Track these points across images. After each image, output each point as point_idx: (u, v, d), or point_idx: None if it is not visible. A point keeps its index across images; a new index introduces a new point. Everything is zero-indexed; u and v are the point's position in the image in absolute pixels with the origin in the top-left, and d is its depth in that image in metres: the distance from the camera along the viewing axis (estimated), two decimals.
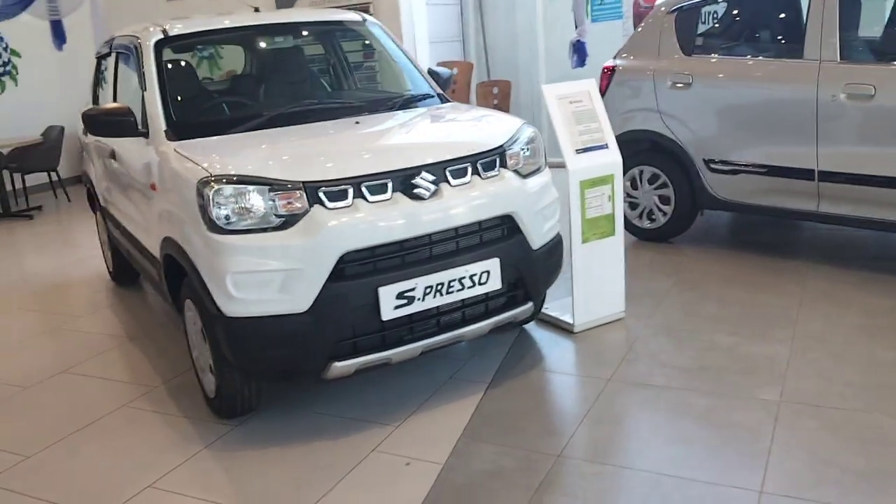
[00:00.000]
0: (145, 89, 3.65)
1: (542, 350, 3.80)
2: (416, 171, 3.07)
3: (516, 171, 3.38)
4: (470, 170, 3.21)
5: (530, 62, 10.45)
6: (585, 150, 3.83)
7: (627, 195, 5.42)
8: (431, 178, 3.08)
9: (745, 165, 4.76)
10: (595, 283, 3.94)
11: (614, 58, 5.59)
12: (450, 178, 3.15)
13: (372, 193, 2.98)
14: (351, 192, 2.95)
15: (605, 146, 3.88)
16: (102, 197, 4.89)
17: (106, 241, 5.30)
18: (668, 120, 5.09)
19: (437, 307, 3.14)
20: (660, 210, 5.30)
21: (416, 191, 3.05)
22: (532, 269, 3.40)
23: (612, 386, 3.35)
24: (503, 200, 3.24)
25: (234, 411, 3.25)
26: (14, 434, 3.40)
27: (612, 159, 3.88)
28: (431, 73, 4.37)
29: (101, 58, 4.99)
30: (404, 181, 3.04)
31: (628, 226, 5.46)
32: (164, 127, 3.49)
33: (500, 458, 2.86)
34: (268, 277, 2.87)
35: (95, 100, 5.11)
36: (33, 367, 4.12)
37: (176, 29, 3.85)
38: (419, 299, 3.04)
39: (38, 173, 8.92)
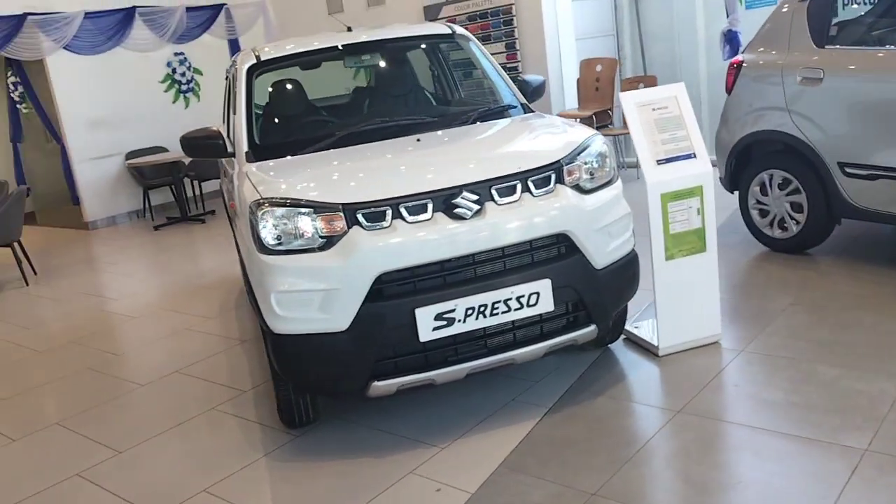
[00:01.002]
0: (234, 112, 3.88)
1: (619, 373, 3.58)
2: (457, 190, 3.01)
3: (577, 187, 3.21)
4: (519, 187, 3.09)
5: (689, 55, 9.84)
6: (669, 160, 3.55)
7: (757, 202, 4.97)
8: (474, 197, 3.01)
9: (885, 169, 4.17)
10: (684, 303, 3.64)
11: (743, 51, 5.13)
12: (496, 196, 3.05)
13: (411, 214, 2.97)
14: (389, 213, 2.96)
15: (691, 155, 3.57)
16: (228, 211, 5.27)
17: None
18: (798, 119, 4.57)
19: (484, 329, 3.06)
20: (792, 218, 4.79)
21: (456, 210, 2.99)
22: (594, 290, 3.21)
23: (680, 419, 3.09)
24: (557, 219, 3.09)
25: (292, 422, 3.38)
26: (118, 429, 3.77)
27: (700, 169, 3.56)
28: (520, 82, 4.25)
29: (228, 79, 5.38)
30: (445, 201, 3.00)
31: (758, 235, 5.03)
32: (245, 149, 3.69)
33: (530, 492, 2.74)
34: (308, 297, 2.95)
35: (225, 119, 5.51)
36: (154, 366, 4.53)
37: (267, 53, 4.05)
38: (460, 321, 2.98)
39: (212, 180, 9.78)
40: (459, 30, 4.35)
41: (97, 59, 9.69)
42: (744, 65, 4.98)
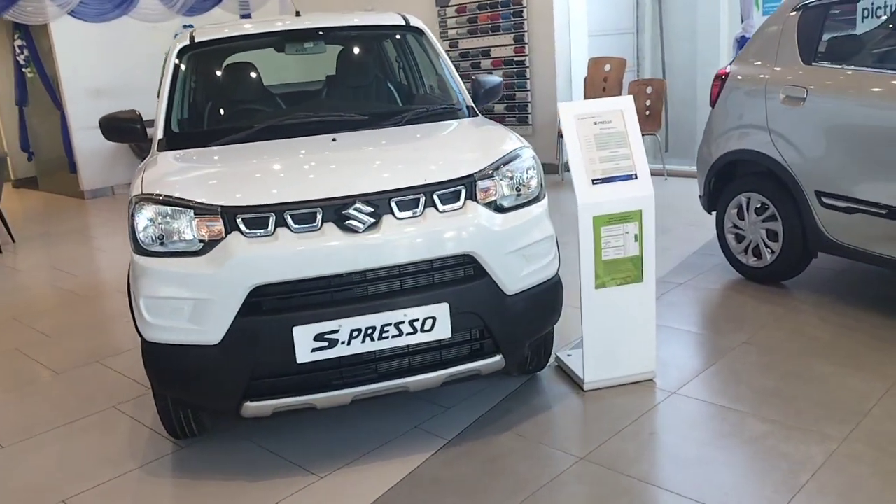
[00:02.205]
0: (158, 96, 3.66)
1: (536, 407, 3.29)
2: (350, 200, 2.75)
3: (493, 204, 2.93)
4: (422, 201, 2.82)
5: (711, 58, 9.38)
6: (606, 179, 3.24)
7: (734, 225, 4.62)
8: (368, 209, 2.75)
9: (864, 203, 3.80)
10: (615, 335, 3.34)
11: (731, 62, 4.75)
12: (395, 209, 2.79)
13: (297, 223, 2.72)
14: (272, 220, 2.71)
15: (632, 176, 3.25)
16: None
17: None
18: (778, 140, 4.21)
19: (373, 353, 2.81)
20: (767, 247, 4.43)
21: (347, 222, 2.73)
22: (502, 318, 2.93)
23: (579, 468, 2.80)
24: (461, 238, 2.82)
25: (174, 432, 3.17)
26: (10, 422, 3.60)
27: (640, 192, 3.24)
28: (473, 82, 3.96)
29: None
30: (337, 211, 2.74)
31: (733, 261, 4.69)
32: (160, 136, 3.48)
33: None
34: (178, 305, 2.72)
35: None
36: (77, 353, 4.36)
37: (202, 35, 3.82)
38: (343, 343, 2.73)
39: None
40: (414, 21, 4.06)
41: (103, 27, 9.59)
42: (729, 76, 4.62)
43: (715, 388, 3.34)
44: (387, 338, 2.77)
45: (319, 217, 2.73)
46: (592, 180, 3.23)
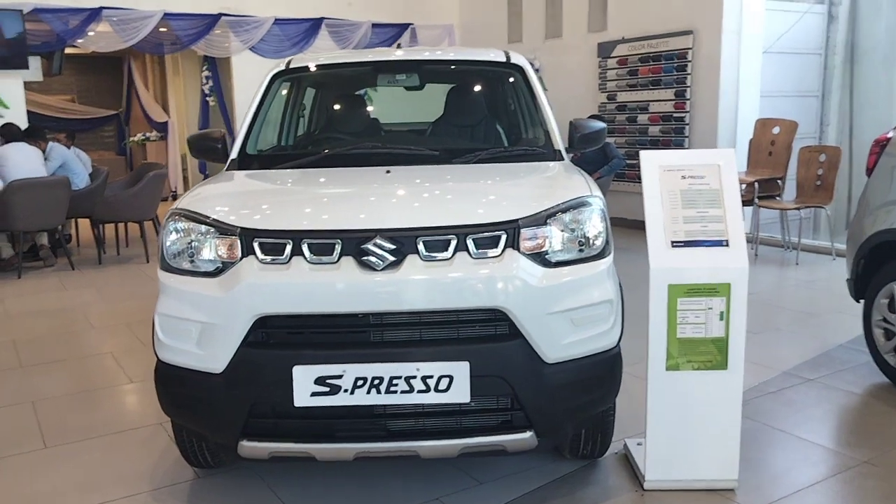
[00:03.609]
0: (245, 118, 3.65)
1: (578, 500, 2.82)
2: (372, 234, 2.49)
3: (538, 256, 2.55)
4: (454, 244, 2.50)
5: None
6: (689, 243, 2.75)
7: (883, 318, 3.86)
8: (390, 246, 2.47)
9: None
10: (687, 429, 2.81)
11: (894, 127, 4.03)
12: (421, 249, 2.49)
13: (314, 253, 2.50)
14: (289, 247, 2.51)
15: (722, 243, 2.74)
16: None
17: None
18: None
19: (382, 407, 2.51)
20: None
21: (366, 258, 2.47)
22: (537, 388, 2.52)
23: None
24: (493, 290, 2.46)
25: (190, 461, 3.03)
26: (68, 423, 3.65)
27: (731, 263, 2.72)
28: (572, 125, 3.60)
29: None
30: (357, 245, 2.49)
31: (879, 361, 3.91)
32: (233, 156, 3.45)
33: None
34: (187, 327, 2.58)
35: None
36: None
37: (298, 62, 3.78)
38: (346, 391, 2.45)
39: None
40: (516, 58, 3.78)
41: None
42: (890, 143, 3.90)
43: None
44: (394, 392, 2.46)
45: (338, 249, 2.49)
46: (672, 242, 2.76)
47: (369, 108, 4.37)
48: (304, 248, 2.50)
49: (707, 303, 2.74)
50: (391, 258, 2.47)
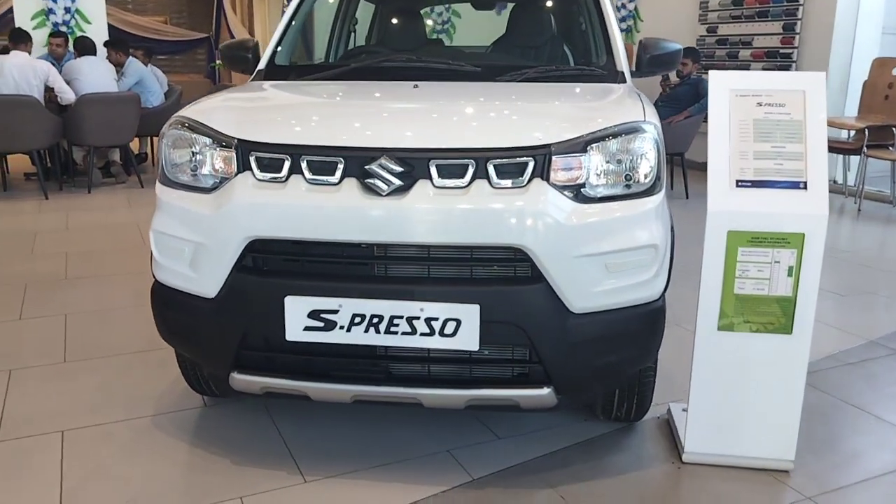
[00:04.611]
0: (278, 27, 3.36)
1: (604, 467, 2.49)
2: (377, 154, 2.18)
3: (573, 188, 2.19)
4: (472, 169, 2.16)
5: None
6: (758, 183, 2.32)
7: None
8: (398, 168, 2.15)
9: None
10: (738, 398, 2.43)
11: None
12: (434, 174, 2.17)
13: (313, 172, 2.21)
14: (287, 164, 2.23)
15: (799, 185, 2.29)
16: None
17: None
18: None
19: (385, 348, 2.24)
20: None
21: (370, 181, 2.17)
22: (559, 341, 2.19)
23: None
24: (513, 225, 2.12)
25: (195, 388, 2.87)
26: (93, 338, 3.57)
27: (808, 209, 2.28)
28: (641, 44, 3.16)
29: None
30: (362, 165, 2.19)
31: None
32: (261, 66, 3.18)
33: None
34: (179, 246, 2.36)
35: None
36: None
37: None
38: (342, 328, 2.19)
39: None
40: None
41: None
42: None
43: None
44: (395, 333, 2.18)
45: (340, 169, 2.20)
46: (737, 181, 2.33)
47: (429, 26, 4.01)
48: (304, 165, 2.22)
49: (774, 255, 2.32)
50: (398, 182, 2.15)
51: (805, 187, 2.29)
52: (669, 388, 2.88)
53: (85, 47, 7.34)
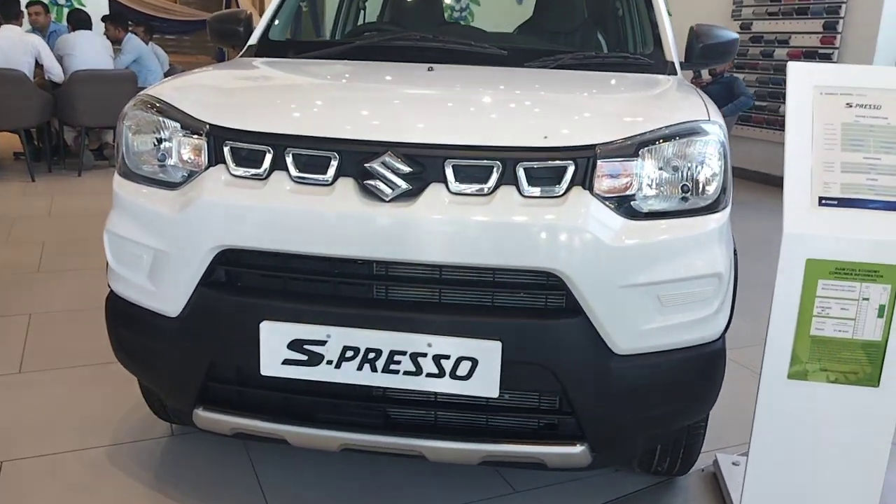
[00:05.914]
0: None
1: None
2: (381, 149, 1.75)
3: (621, 200, 1.76)
4: (496, 173, 1.74)
5: None
6: (846, 202, 1.89)
7: None
8: (405, 168, 1.73)
9: None
10: (807, 458, 2.01)
11: None
12: (450, 176, 1.74)
13: (300, 168, 1.80)
14: (268, 157, 1.81)
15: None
16: None
17: None
18: None
19: (383, 389, 1.83)
20: None
21: (370, 182, 1.75)
22: (599, 389, 1.78)
23: None
24: (545, 244, 1.70)
25: (160, 415, 2.46)
26: (57, 345, 3.17)
27: None
28: (693, 31, 2.72)
29: None
30: (361, 162, 1.76)
31: None
32: (252, 41, 2.76)
33: None
34: (136, 251, 1.95)
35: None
36: None
37: None
38: (330, 363, 1.77)
39: None
40: None
41: None
42: None
43: None
44: (395, 372, 1.76)
45: (334, 166, 1.78)
46: (820, 199, 1.89)
47: (447, 12, 3.60)
48: (289, 160, 1.80)
49: (862, 290, 1.89)
50: (404, 185, 1.73)
51: None
52: (716, 435, 2.46)
53: (79, 21, 6.93)
